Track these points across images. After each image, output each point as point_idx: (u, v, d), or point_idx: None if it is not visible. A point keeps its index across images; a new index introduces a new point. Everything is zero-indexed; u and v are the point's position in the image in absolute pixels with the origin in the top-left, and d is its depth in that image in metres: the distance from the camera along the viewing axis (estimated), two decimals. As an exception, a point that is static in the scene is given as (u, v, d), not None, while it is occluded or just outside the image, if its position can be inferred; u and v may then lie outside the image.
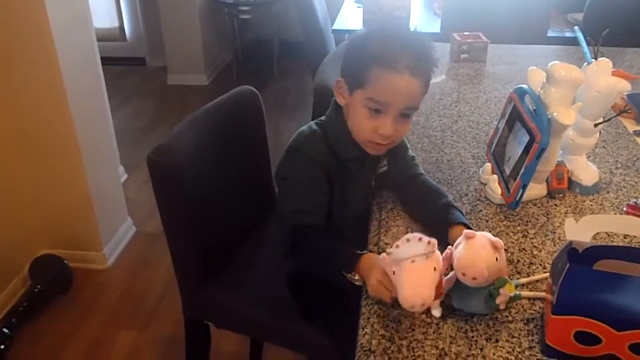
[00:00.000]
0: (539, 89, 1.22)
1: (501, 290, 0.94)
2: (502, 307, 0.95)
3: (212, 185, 1.43)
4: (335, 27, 2.98)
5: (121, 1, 4.64)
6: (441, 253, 0.97)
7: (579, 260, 0.85)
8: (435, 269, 0.93)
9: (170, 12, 4.21)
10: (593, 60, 1.27)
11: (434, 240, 0.92)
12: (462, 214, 1.18)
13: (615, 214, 1.25)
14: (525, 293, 1.02)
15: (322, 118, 1.26)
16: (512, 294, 0.95)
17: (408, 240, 0.92)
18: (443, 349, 0.91)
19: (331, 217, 1.22)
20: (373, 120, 1.13)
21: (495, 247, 0.94)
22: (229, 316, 1.48)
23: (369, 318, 0.98)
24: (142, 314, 2.22)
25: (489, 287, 0.94)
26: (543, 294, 1.01)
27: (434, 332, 0.94)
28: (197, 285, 1.44)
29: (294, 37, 4.47)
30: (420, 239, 0.92)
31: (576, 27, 1.36)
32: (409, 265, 0.91)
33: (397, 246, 0.92)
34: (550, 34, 2.79)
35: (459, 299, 0.97)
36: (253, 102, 1.59)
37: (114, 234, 2.53)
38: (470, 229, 1.11)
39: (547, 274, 1.03)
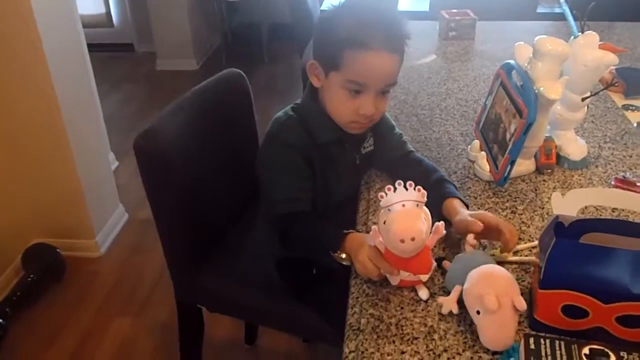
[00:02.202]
0: (526, 64, 1.22)
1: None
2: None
3: (201, 168, 1.43)
4: (323, 7, 2.95)
5: (107, -13, 4.60)
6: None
7: (566, 234, 0.85)
8: (425, 220, 0.92)
9: (158, -3, 4.17)
10: (579, 33, 1.26)
11: (424, 191, 0.91)
12: (456, 188, 1.18)
13: (604, 187, 1.25)
14: (514, 258, 1.03)
15: (298, 101, 1.24)
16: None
17: (396, 187, 0.91)
18: (432, 326, 0.91)
19: (316, 202, 1.21)
20: (353, 101, 1.11)
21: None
22: (221, 299, 1.47)
23: (357, 297, 0.98)
24: (135, 301, 2.23)
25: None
26: (532, 258, 1.01)
27: (422, 310, 0.94)
28: (188, 270, 1.44)
29: (283, 20, 4.44)
30: (409, 187, 0.91)
31: (562, 1, 1.34)
32: (400, 208, 0.90)
33: (386, 194, 0.91)
34: (539, 10, 2.78)
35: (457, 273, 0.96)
36: (240, 84, 1.57)
37: (106, 221, 2.53)
38: (465, 202, 1.12)
39: (535, 243, 1.04)
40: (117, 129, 3.27)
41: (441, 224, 0.96)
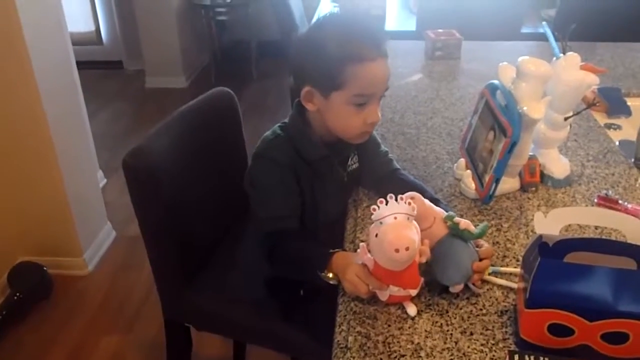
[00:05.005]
0: (510, 84, 1.24)
1: (455, 219, 1.00)
2: (472, 230, 1.00)
3: (190, 187, 1.43)
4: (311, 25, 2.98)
5: (97, 5, 4.60)
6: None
7: (550, 254, 0.87)
8: (416, 232, 0.94)
9: (147, 15, 4.19)
10: (561, 55, 1.29)
11: (414, 204, 0.93)
12: (446, 205, 1.19)
13: (587, 205, 1.27)
14: (499, 281, 1.05)
15: (286, 121, 1.26)
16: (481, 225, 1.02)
17: (388, 200, 0.93)
18: (418, 343, 0.92)
19: (304, 220, 1.22)
20: (360, 114, 1.13)
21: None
22: (209, 318, 1.47)
23: (345, 315, 0.99)
24: (124, 318, 2.21)
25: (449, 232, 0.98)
26: (515, 284, 1.03)
27: (409, 327, 0.95)
28: (176, 288, 1.44)
29: (272, 37, 4.48)
30: (399, 200, 0.93)
31: (544, 23, 1.38)
32: (392, 220, 0.92)
33: (378, 207, 0.93)
34: (524, 30, 2.82)
35: (442, 267, 0.99)
36: (228, 103, 1.58)
37: (94, 239, 2.52)
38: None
39: (518, 270, 1.05)
40: (106, 147, 3.27)
41: (426, 243, 0.98)
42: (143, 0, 4.14)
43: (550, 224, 0.92)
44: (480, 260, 1.02)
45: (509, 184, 1.31)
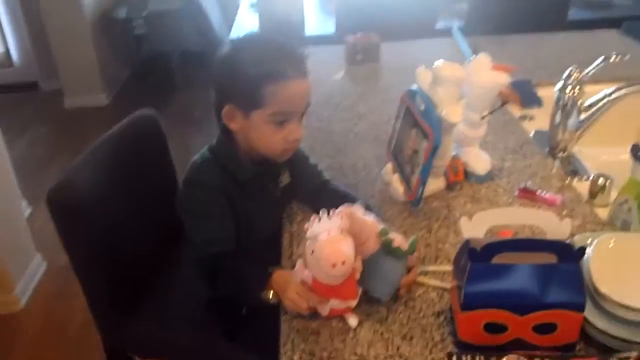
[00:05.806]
0: (428, 89, 1.28)
1: (390, 235, 1.02)
2: (404, 248, 1.02)
3: (120, 215, 1.40)
4: (233, 34, 2.96)
5: (4, 24, 4.41)
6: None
7: (479, 258, 0.91)
8: (351, 245, 0.97)
9: (60, 32, 4.05)
10: (473, 56, 1.35)
11: (346, 217, 0.97)
12: (377, 212, 1.22)
13: (509, 198, 1.33)
14: (433, 282, 1.09)
15: (214, 142, 1.26)
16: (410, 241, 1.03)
17: (320, 218, 0.96)
18: (362, 354, 0.94)
19: (239, 238, 1.22)
20: (281, 132, 1.14)
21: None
22: (152, 345, 1.44)
23: (288, 334, 1.00)
24: (63, 351, 2.14)
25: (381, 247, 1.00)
26: (448, 284, 1.06)
27: (352, 339, 0.98)
28: (114, 319, 1.40)
29: (194, 47, 4.41)
30: (330, 215, 0.96)
31: (454, 28, 1.43)
32: (326, 236, 0.95)
33: (311, 224, 0.96)
34: (438, 26, 2.88)
35: (373, 280, 1.02)
36: (153, 125, 1.55)
37: (24, 272, 2.42)
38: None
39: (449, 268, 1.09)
40: (28, 174, 3.14)
41: (359, 259, 1.00)
42: (54, 17, 4.00)
43: (476, 227, 0.97)
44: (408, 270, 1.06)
45: (434, 184, 1.35)
